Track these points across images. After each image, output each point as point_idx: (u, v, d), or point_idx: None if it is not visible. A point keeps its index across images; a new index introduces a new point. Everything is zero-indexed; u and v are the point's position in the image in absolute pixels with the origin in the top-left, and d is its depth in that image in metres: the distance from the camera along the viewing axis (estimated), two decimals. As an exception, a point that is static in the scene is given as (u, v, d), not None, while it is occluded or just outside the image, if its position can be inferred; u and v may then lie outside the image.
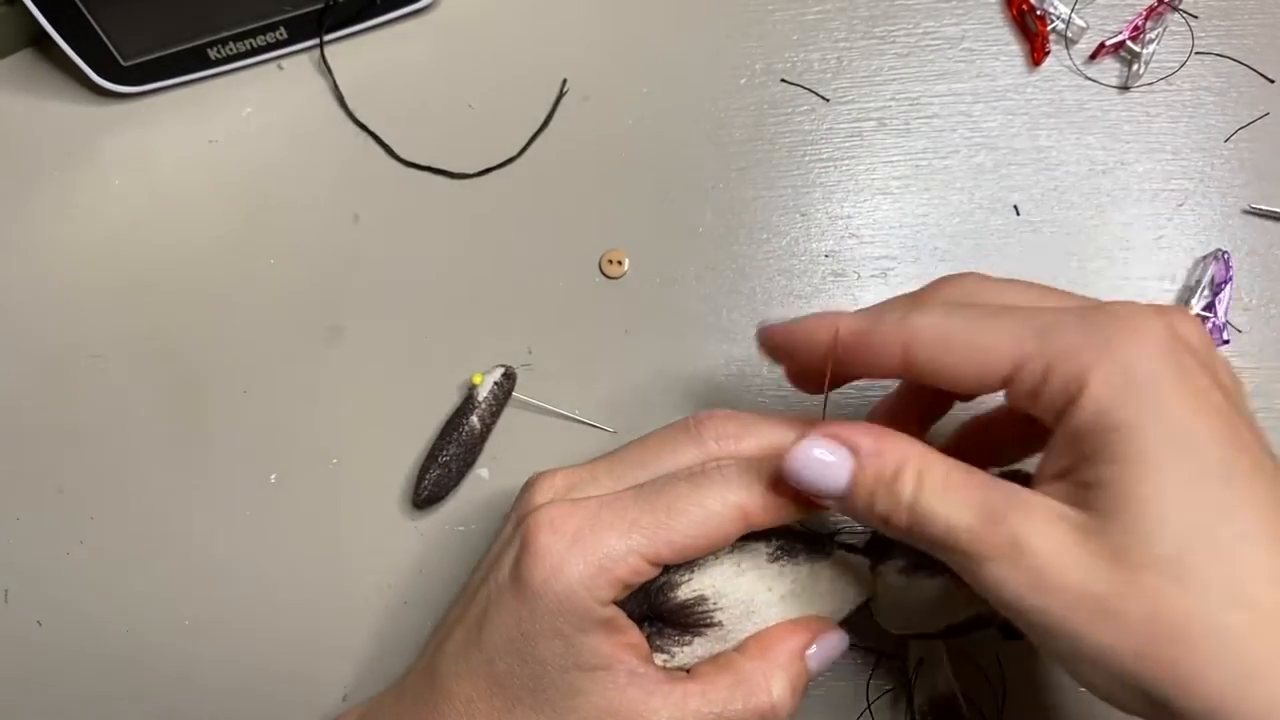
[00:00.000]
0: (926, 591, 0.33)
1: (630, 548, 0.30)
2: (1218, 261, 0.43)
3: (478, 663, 0.32)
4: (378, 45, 0.49)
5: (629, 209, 0.46)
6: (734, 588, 0.33)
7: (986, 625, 0.33)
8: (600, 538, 0.30)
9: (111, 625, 0.44)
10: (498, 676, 0.31)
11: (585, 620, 0.30)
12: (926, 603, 0.33)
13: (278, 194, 0.48)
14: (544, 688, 0.31)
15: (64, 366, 0.46)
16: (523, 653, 0.31)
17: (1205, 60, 0.46)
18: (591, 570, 0.30)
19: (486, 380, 0.43)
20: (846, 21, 0.48)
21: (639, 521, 0.30)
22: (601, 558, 0.30)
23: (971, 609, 0.33)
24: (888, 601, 0.34)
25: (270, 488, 0.45)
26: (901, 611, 0.34)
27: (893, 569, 0.34)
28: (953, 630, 0.34)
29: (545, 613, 0.30)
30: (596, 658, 0.31)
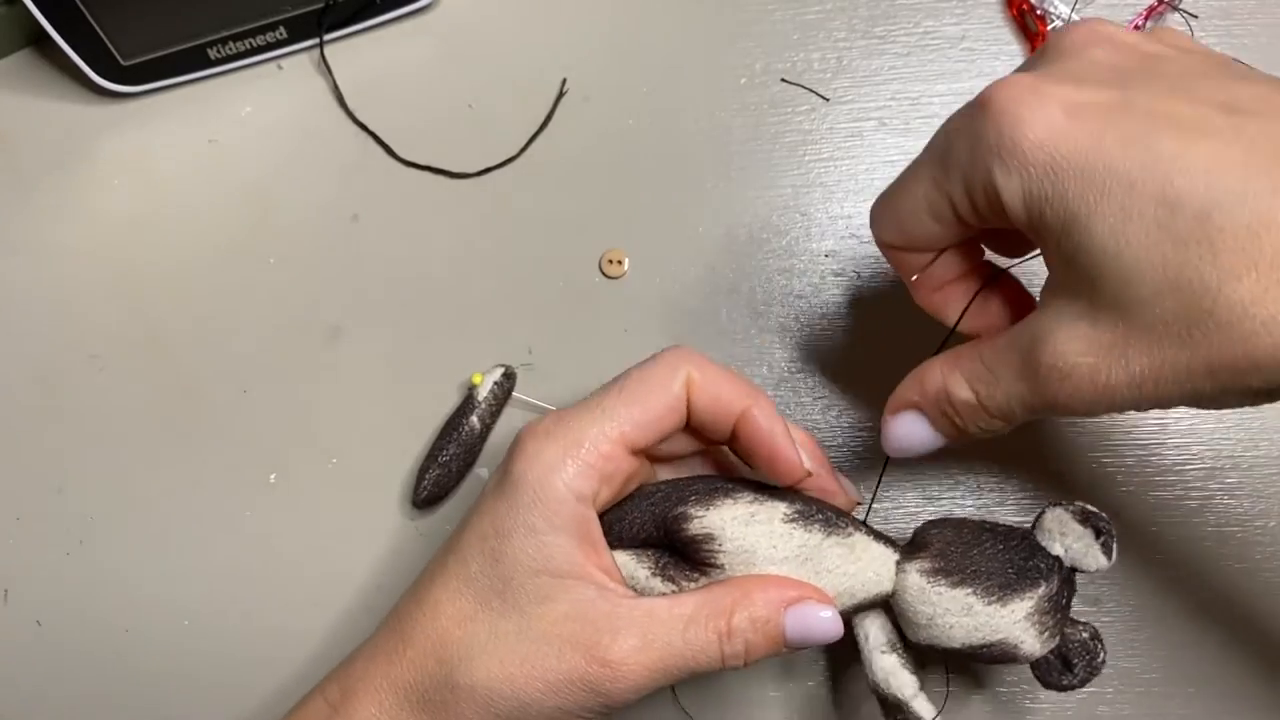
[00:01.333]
0: (945, 601, 0.32)
1: (599, 431, 0.32)
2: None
3: (450, 565, 0.32)
4: (377, 45, 0.49)
5: (629, 209, 0.46)
6: (741, 534, 0.33)
7: (1011, 661, 0.33)
8: (570, 425, 0.32)
9: (111, 625, 0.44)
10: (469, 578, 0.32)
11: (559, 513, 0.31)
12: (944, 613, 0.32)
13: (277, 194, 0.48)
14: (513, 590, 0.31)
15: (64, 366, 0.46)
16: (495, 551, 0.31)
17: (1206, 60, 0.46)
18: (563, 455, 0.31)
19: (486, 380, 0.43)
20: (846, 21, 0.48)
21: (602, 404, 0.32)
22: (571, 443, 0.32)
23: (993, 635, 0.32)
24: (905, 602, 0.33)
25: (270, 488, 0.45)
26: (918, 617, 0.33)
27: (915, 568, 0.33)
28: (974, 654, 0.33)
29: (521, 505, 0.31)
30: (568, 564, 0.31)
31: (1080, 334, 0.26)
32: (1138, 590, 0.41)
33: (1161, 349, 0.25)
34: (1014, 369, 0.29)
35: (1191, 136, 0.24)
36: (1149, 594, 0.41)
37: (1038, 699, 0.41)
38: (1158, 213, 0.24)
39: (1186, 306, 0.24)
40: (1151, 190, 0.24)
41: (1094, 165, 0.25)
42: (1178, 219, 0.24)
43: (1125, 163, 0.25)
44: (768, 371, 0.44)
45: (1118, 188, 0.25)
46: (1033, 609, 0.32)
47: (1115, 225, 0.25)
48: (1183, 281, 0.24)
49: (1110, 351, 0.26)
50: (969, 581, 0.32)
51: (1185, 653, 0.40)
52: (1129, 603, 0.41)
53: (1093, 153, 0.25)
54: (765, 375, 0.44)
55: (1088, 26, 0.29)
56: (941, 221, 0.30)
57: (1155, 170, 0.24)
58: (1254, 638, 0.40)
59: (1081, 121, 0.25)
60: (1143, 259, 0.24)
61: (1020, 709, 0.41)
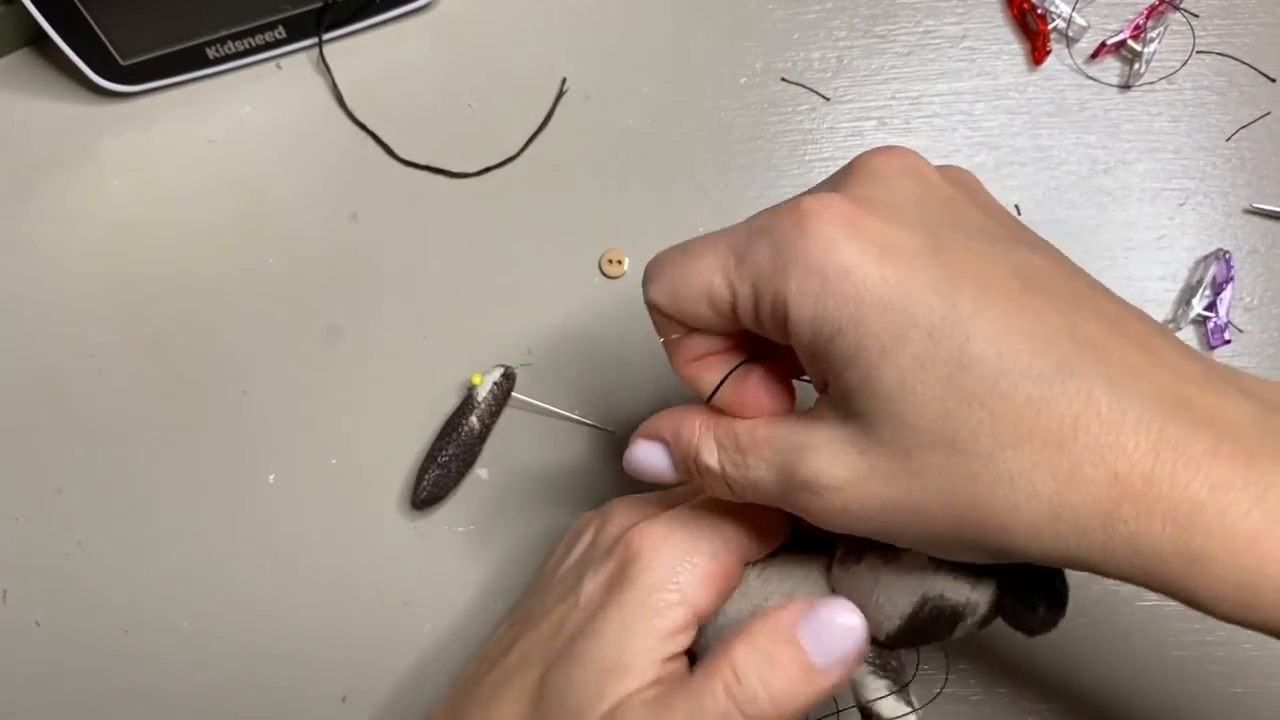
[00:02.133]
0: (860, 580, 0.31)
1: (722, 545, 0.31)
2: (1219, 261, 0.43)
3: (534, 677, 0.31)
4: (376, 44, 0.49)
5: (629, 209, 0.46)
6: None
7: (969, 618, 0.30)
8: (696, 539, 0.31)
9: (110, 625, 0.44)
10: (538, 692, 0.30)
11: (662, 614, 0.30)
12: (866, 593, 0.31)
13: (277, 193, 0.48)
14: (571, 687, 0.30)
15: (63, 366, 0.46)
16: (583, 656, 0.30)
17: (1207, 59, 0.46)
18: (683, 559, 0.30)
19: (486, 380, 0.43)
20: (847, 20, 0.47)
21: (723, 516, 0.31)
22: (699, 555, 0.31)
23: (914, 592, 0.30)
24: (848, 598, 0.32)
25: (269, 488, 0.44)
26: (860, 607, 0.31)
27: (833, 565, 0.32)
28: (929, 626, 0.31)
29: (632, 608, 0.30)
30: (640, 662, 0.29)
31: (844, 460, 0.26)
32: (1138, 591, 0.41)
33: (921, 495, 0.25)
34: (767, 465, 0.28)
35: (989, 298, 0.24)
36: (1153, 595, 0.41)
37: (1037, 699, 0.41)
38: (949, 369, 0.24)
39: (956, 464, 0.24)
40: (947, 345, 0.24)
41: (898, 308, 0.24)
42: (966, 379, 0.24)
43: (928, 313, 0.24)
44: (768, 372, 0.44)
45: (917, 335, 0.24)
46: None
47: (906, 371, 0.24)
48: (958, 439, 0.24)
49: (868, 484, 0.25)
50: (867, 550, 0.31)
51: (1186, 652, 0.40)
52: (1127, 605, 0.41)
53: (899, 296, 0.24)
54: (765, 375, 0.44)
55: (900, 155, 0.29)
56: (717, 312, 0.28)
57: (954, 326, 0.24)
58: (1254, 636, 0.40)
59: (894, 263, 0.25)
60: (925, 409, 0.24)
61: (1020, 709, 0.41)
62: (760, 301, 0.26)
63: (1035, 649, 0.41)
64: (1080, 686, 0.41)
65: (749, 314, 0.27)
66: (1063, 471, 0.23)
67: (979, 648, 0.41)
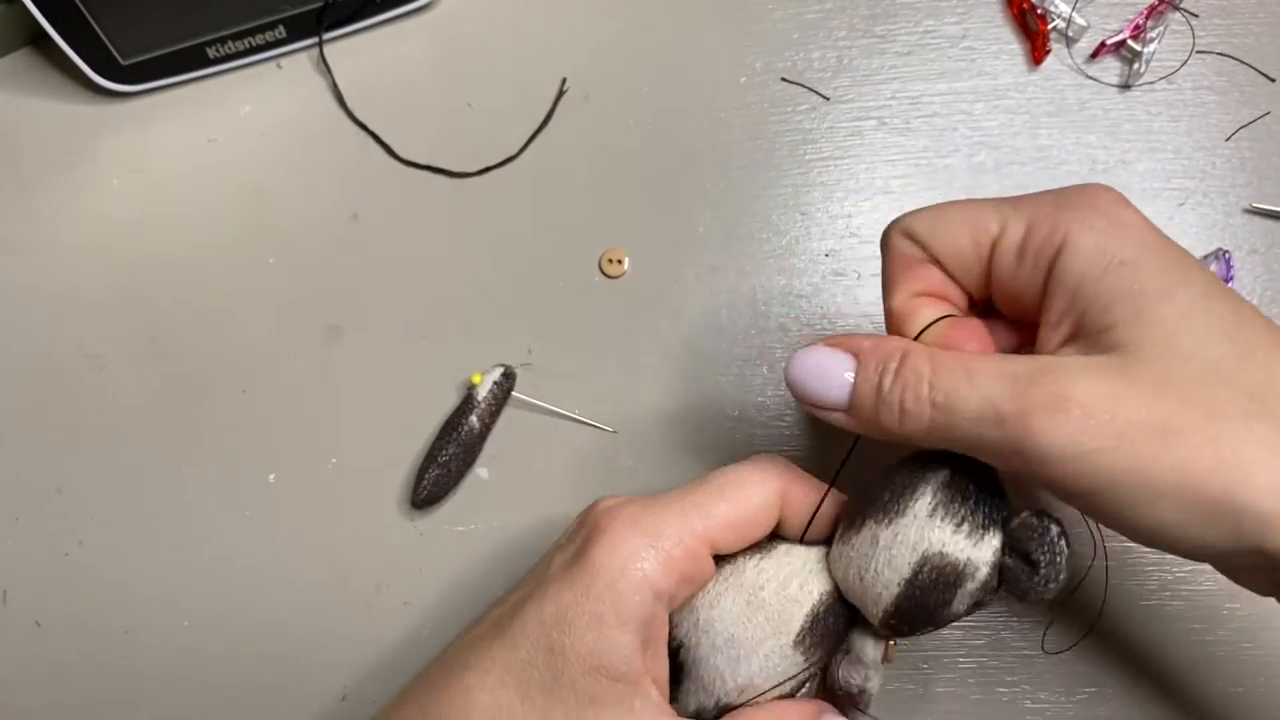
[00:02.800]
0: (859, 547, 0.31)
1: (687, 525, 0.31)
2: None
3: (496, 650, 0.30)
4: (377, 44, 0.49)
5: (629, 209, 0.46)
6: None
7: (968, 582, 0.30)
8: (658, 515, 0.31)
9: (111, 626, 0.44)
10: (514, 665, 0.30)
11: (632, 608, 0.29)
12: (863, 558, 0.31)
13: (277, 193, 0.48)
14: (562, 686, 0.29)
15: (63, 366, 0.46)
16: (551, 640, 0.29)
17: (1206, 59, 0.46)
18: (647, 545, 0.30)
19: (486, 380, 0.43)
20: (847, 20, 0.47)
21: (693, 498, 0.31)
22: (656, 534, 0.30)
23: (914, 552, 0.30)
24: (840, 577, 0.33)
25: (269, 488, 0.44)
26: (855, 583, 0.32)
27: (834, 544, 0.33)
28: (927, 592, 0.30)
29: (594, 594, 0.29)
30: (626, 666, 0.29)
31: (1103, 378, 0.26)
32: (1138, 590, 0.41)
33: (1179, 421, 0.25)
34: (986, 392, 0.27)
35: None
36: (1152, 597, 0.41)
37: (1038, 699, 0.41)
38: (1226, 323, 0.26)
39: (1222, 398, 0.25)
40: (1225, 305, 0.26)
41: (1176, 260, 0.27)
42: (1242, 335, 0.26)
43: (1203, 277, 0.27)
44: (768, 371, 0.44)
45: (1196, 288, 0.26)
46: (931, 504, 0.30)
47: (1188, 311, 0.26)
48: (1231, 381, 0.25)
49: (1126, 401, 0.25)
50: (864, 517, 0.31)
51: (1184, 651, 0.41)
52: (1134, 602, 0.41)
53: (1176, 252, 0.27)
54: (765, 375, 0.44)
55: None
56: (975, 241, 0.29)
57: (1229, 293, 0.27)
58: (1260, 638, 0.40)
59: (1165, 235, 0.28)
60: (1201, 349, 0.25)
61: (1020, 709, 0.41)
62: (1033, 234, 0.28)
63: (1034, 649, 0.41)
64: (1080, 686, 0.41)
65: (1012, 247, 0.29)
66: None
67: (979, 647, 0.41)
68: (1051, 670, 0.41)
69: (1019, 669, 0.41)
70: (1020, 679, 0.41)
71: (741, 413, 0.44)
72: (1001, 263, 0.29)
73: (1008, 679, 0.41)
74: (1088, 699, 0.40)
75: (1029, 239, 0.28)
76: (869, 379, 0.29)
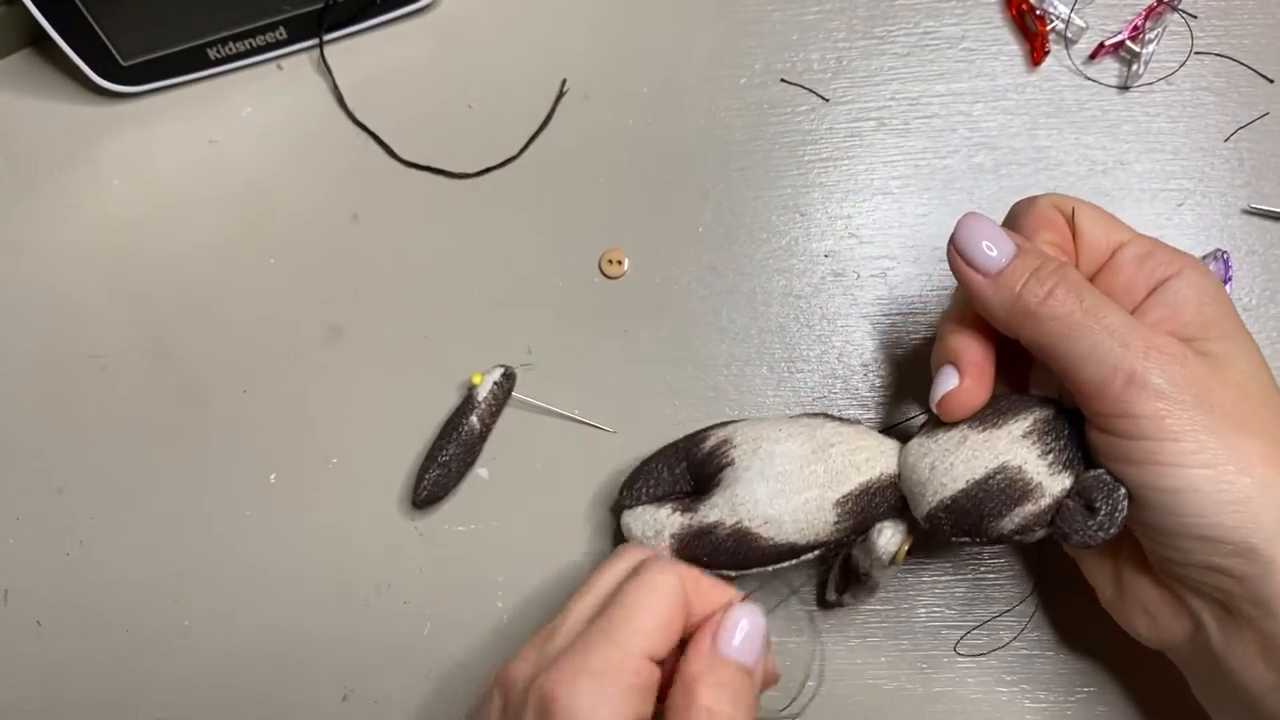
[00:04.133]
0: (942, 441, 0.34)
1: (625, 654, 0.31)
2: (1217, 261, 0.43)
3: None
4: (377, 45, 0.49)
5: (629, 209, 0.46)
6: (750, 429, 0.37)
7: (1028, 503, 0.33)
8: (598, 663, 0.30)
9: (111, 625, 0.44)
10: None
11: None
12: (943, 454, 0.34)
13: (277, 194, 0.48)
14: None
15: (64, 367, 0.46)
16: None
17: (1205, 60, 0.46)
18: (611, 692, 0.30)
19: (486, 380, 0.43)
20: (846, 21, 0.48)
21: (612, 634, 0.31)
22: (610, 678, 0.30)
23: (994, 460, 0.33)
24: (908, 465, 0.35)
25: (270, 488, 0.45)
26: (921, 474, 0.34)
27: (916, 436, 0.35)
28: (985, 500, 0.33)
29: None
30: None
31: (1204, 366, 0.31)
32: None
33: (1236, 418, 0.31)
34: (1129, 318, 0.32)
35: None
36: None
37: (1038, 699, 0.41)
38: None
39: None
40: None
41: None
42: None
43: None
44: (768, 371, 0.44)
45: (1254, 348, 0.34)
46: (1029, 428, 0.33)
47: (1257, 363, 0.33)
48: None
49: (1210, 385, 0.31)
50: (961, 421, 0.34)
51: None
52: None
53: None
54: (765, 375, 0.44)
55: None
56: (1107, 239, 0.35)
57: None
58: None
59: None
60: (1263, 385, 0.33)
61: (1020, 709, 0.41)
62: (1155, 255, 0.34)
63: (1035, 648, 0.41)
64: (1080, 686, 0.41)
65: (1137, 254, 0.34)
66: None
67: (979, 646, 0.41)
68: (1051, 670, 0.41)
69: (1019, 669, 0.41)
70: (1020, 679, 0.41)
71: (741, 413, 0.44)
72: (1125, 259, 0.34)
73: (1007, 679, 0.41)
74: (1088, 698, 0.40)
75: (1152, 256, 0.34)
76: (1030, 260, 0.33)
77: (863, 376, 0.44)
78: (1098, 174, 0.45)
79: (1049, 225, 0.35)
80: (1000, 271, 0.33)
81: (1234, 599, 0.31)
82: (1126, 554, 0.35)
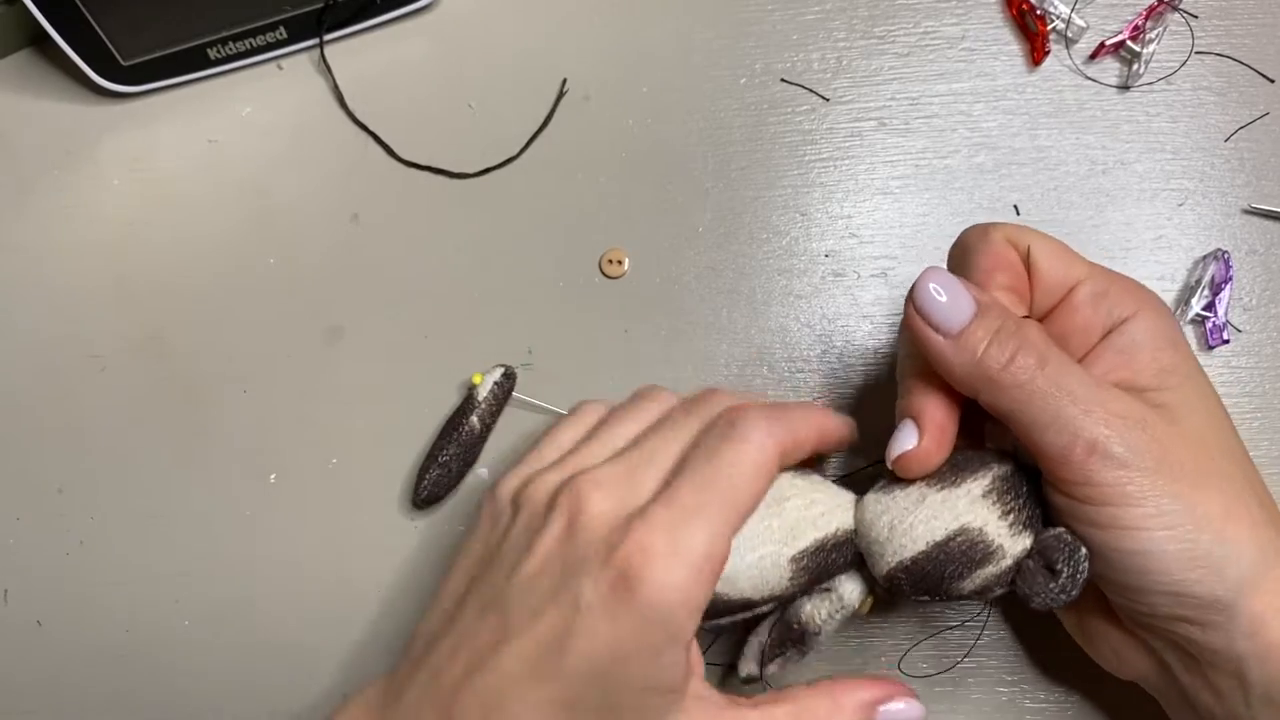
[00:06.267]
0: (899, 499, 0.33)
1: (715, 533, 0.30)
2: (1218, 261, 0.43)
3: (545, 691, 0.30)
4: (377, 45, 0.49)
5: (629, 209, 0.46)
6: None
7: (989, 564, 0.32)
8: (690, 536, 0.30)
9: (111, 625, 0.44)
10: (568, 702, 0.30)
11: (682, 629, 0.30)
12: (901, 512, 0.33)
13: (277, 194, 0.48)
14: (613, 712, 0.30)
15: (64, 366, 0.46)
16: (604, 673, 0.29)
17: (1205, 60, 0.46)
18: (694, 572, 0.30)
19: (486, 380, 0.43)
20: (846, 21, 0.48)
21: (709, 504, 0.31)
22: (698, 556, 0.30)
23: (954, 521, 0.32)
24: (865, 523, 0.33)
25: (270, 488, 0.45)
26: (880, 532, 0.33)
27: (870, 490, 0.34)
28: (946, 561, 0.32)
29: (648, 628, 0.29)
30: (675, 676, 0.30)
31: (1163, 423, 0.31)
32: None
33: (1194, 474, 0.31)
34: (1091, 379, 0.31)
35: None
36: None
37: (1037, 699, 0.41)
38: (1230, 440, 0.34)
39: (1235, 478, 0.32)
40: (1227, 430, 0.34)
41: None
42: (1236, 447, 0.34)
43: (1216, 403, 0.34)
44: (768, 371, 0.44)
45: (1214, 400, 0.34)
46: (989, 487, 0.32)
47: (1213, 413, 0.34)
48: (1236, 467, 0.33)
49: (1169, 447, 0.31)
50: (920, 479, 0.33)
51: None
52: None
53: None
54: (766, 375, 0.44)
55: None
56: (1064, 276, 0.34)
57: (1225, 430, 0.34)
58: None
59: None
60: (1217, 437, 0.33)
61: (1020, 709, 0.41)
62: (1112, 294, 0.34)
63: (1034, 649, 0.41)
64: (1080, 686, 0.41)
65: (1092, 294, 0.34)
66: None
67: (979, 647, 0.41)
68: (1052, 670, 0.41)
69: (1019, 669, 0.41)
70: (1020, 679, 0.41)
71: (741, 413, 0.44)
72: (1081, 298, 0.34)
73: (1008, 679, 0.41)
74: (1088, 699, 0.40)
75: (1108, 295, 0.34)
76: (989, 325, 0.32)
77: (863, 376, 0.44)
78: (1098, 174, 0.45)
79: (1003, 266, 0.34)
80: (960, 333, 0.31)
81: (1198, 645, 0.31)
82: (1089, 603, 0.35)
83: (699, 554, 0.30)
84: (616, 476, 0.32)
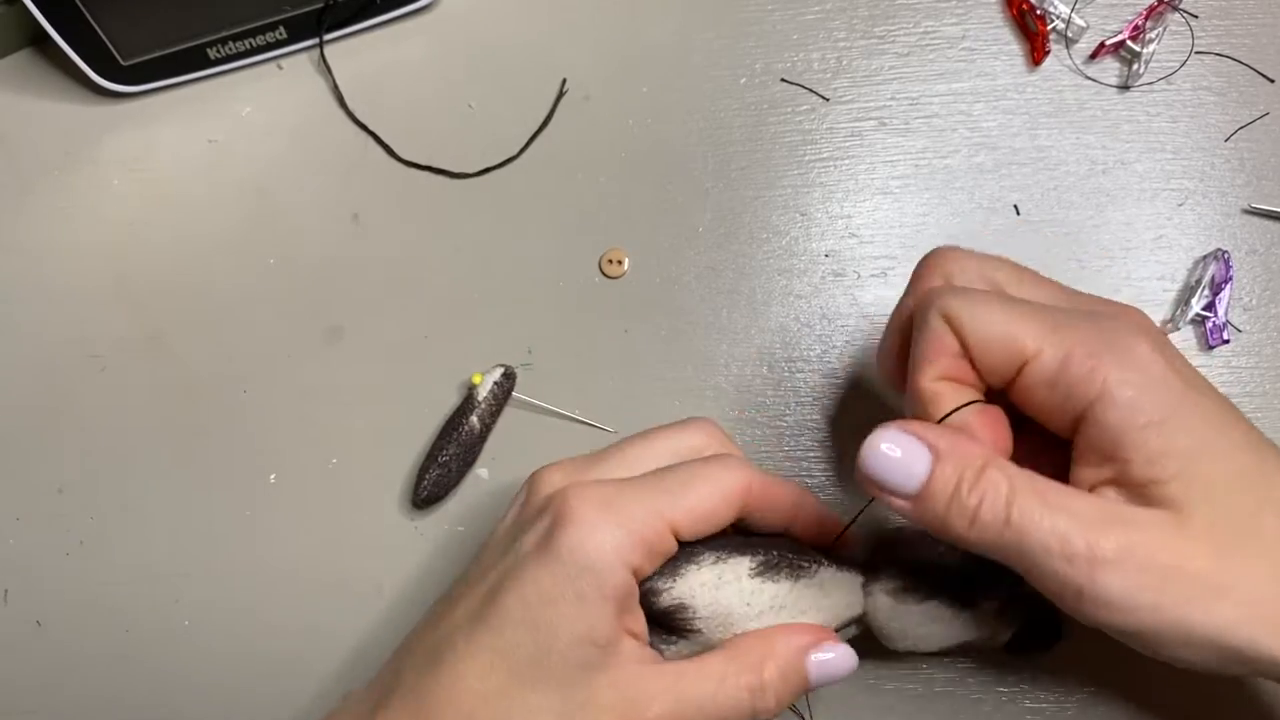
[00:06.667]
0: (916, 615, 0.34)
1: (654, 510, 0.31)
2: (1218, 261, 0.43)
3: (481, 636, 0.31)
4: (377, 45, 0.49)
5: (629, 209, 0.46)
6: (713, 599, 0.33)
7: (987, 648, 0.35)
8: (627, 504, 0.31)
9: (111, 625, 0.44)
10: (501, 648, 0.30)
11: (609, 584, 0.30)
12: (916, 626, 0.34)
13: (277, 194, 0.48)
14: (551, 661, 0.30)
15: (64, 366, 0.46)
16: (536, 620, 0.30)
17: (1205, 60, 0.46)
18: (621, 532, 0.31)
19: (486, 380, 0.43)
20: (846, 21, 0.48)
21: (659, 491, 0.32)
22: (629, 520, 0.31)
23: (967, 635, 0.34)
24: (878, 621, 0.35)
25: (270, 488, 0.45)
26: (893, 634, 0.35)
27: (881, 590, 0.34)
28: (950, 653, 0.35)
29: (572, 574, 0.30)
30: (609, 631, 0.31)
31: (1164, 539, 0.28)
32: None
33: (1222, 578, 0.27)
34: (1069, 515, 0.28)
35: None
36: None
37: (1037, 699, 0.41)
38: (1266, 490, 0.29)
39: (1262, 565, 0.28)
40: (1262, 472, 0.29)
41: (1218, 420, 0.29)
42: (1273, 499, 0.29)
43: (1245, 436, 0.30)
44: (768, 372, 0.44)
45: (1239, 449, 0.29)
46: (999, 608, 0.34)
47: (1232, 476, 0.29)
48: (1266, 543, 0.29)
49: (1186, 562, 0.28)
50: (935, 594, 0.34)
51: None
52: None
53: (1218, 411, 0.30)
54: (765, 375, 0.44)
55: None
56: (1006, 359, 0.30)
57: (1266, 460, 0.30)
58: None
59: (1203, 387, 0.30)
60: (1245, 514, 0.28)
61: (1020, 709, 0.41)
62: (1068, 370, 0.29)
63: (1035, 648, 0.41)
64: (1080, 686, 0.41)
65: (1046, 374, 0.30)
66: None
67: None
68: (1051, 670, 0.41)
69: (1019, 669, 0.41)
70: (1020, 679, 0.41)
71: (741, 413, 0.44)
72: (1032, 381, 0.30)
73: (1008, 679, 0.41)
74: (1087, 699, 0.40)
75: (1064, 373, 0.29)
76: (947, 479, 0.29)
77: (863, 376, 0.44)
78: (1098, 174, 0.45)
79: (941, 351, 0.32)
80: (919, 494, 0.29)
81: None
82: None
83: (627, 516, 0.31)
84: (587, 463, 0.35)
